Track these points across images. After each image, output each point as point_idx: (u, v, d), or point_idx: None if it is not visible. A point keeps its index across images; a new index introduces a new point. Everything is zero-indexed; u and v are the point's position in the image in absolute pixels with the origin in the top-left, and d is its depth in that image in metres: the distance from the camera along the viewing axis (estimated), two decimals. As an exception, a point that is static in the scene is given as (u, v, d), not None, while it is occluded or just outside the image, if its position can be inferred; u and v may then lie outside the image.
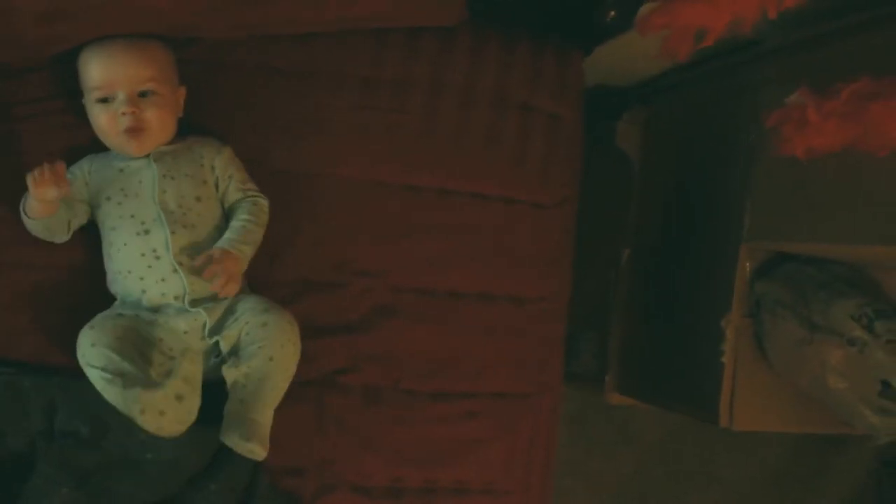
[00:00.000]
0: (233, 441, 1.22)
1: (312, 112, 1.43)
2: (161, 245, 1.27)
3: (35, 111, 1.34)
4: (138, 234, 1.28)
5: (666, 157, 1.87)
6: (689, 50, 1.40)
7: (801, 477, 2.39)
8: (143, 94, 1.28)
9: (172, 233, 1.28)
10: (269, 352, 1.25)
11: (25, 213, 1.27)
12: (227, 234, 1.31)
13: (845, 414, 1.55)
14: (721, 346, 1.58)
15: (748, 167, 1.55)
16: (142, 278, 1.27)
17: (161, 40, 1.33)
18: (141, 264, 1.27)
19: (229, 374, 1.25)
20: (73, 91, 1.32)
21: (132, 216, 1.29)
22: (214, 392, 1.29)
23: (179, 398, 1.19)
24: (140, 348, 1.24)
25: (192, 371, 1.22)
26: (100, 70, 1.28)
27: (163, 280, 1.27)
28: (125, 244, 1.28)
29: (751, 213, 1.55)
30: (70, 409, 1.26)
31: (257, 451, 1.23)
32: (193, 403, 1.22)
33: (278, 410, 1.27)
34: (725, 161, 1.63)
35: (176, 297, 1.28)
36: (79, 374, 1.23)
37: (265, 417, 1.25)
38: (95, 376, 1.20)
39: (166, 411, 1.18)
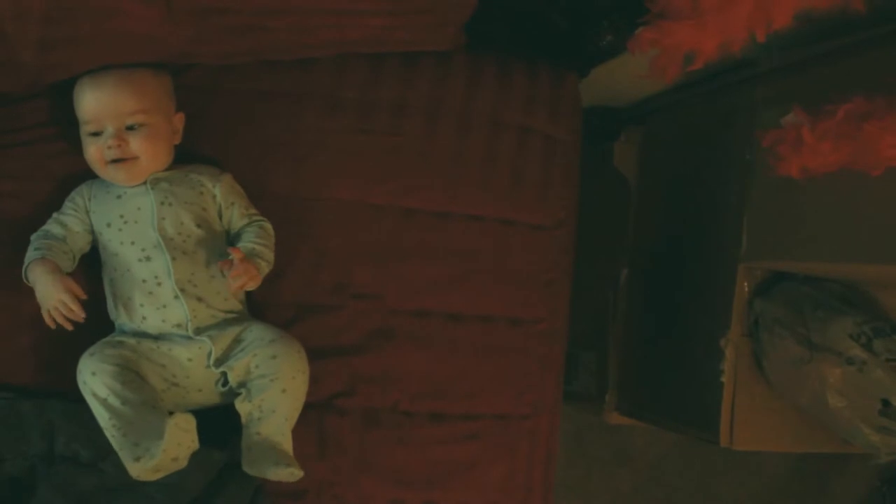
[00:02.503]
0: (267, 471, 1.23)
1: (309, 135, 1.44)
2: (162, 272, 1.28)
3: (33, 137, 1.35)
4: (139, 260, 1.28)
5: (663, 177, 1.88)
6: (676, 71, 1.40)
7: (801, 496, 2.38)
8: (131, 127, 1.29)
9: (173, 259, 1.28)
10: (281, 384, 1.25)
11: (27, 279, 1.28)
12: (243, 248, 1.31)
13: (846, 433, 1.55)
14: (720, 366, 1.59)
15: (745, 187, 1.56)
16: (142, 305, 1.27)
17: (156, 67, 1.34)
18: (142, 290, 1.27)
19: (243, 407, 1.26)
20: (70, 118, 1.33)
21: (132, 243, 1.29)
22: (215, 413, 1.30)
23: (175, 460, 1.19)
24: (142, 376, 1.23)
25: (188, 436, 1.20)
26: (89, 104, 1.29)
27: (164, 307, 1.27)
28: (127, 270, 1.28)
29: (748, 233, 1.55)
30: (70, 433, 1.26)
31: (296, 472, 1.24)
32: (187, 456, 1.21)
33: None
34: (722, 181, 1.64)
35: (177, 325, 1.27)
36: (79, 398, 1.23)
37: (287, 440, 1.26)
38: (97, 407, 1.20)
39: (160, 469, 1.19)
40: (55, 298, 1.23)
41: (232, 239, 1.36)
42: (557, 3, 1.58)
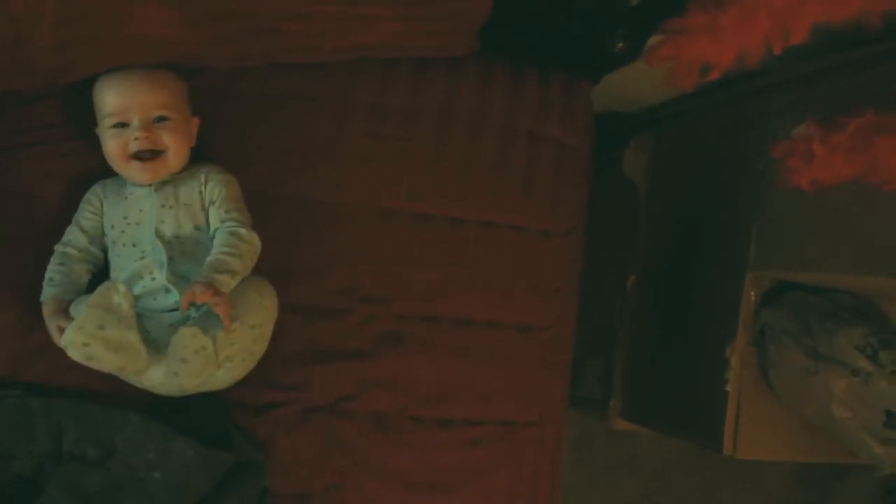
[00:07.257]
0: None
1: (320, 139, 1.44)
2: (157, 271, 1.28)
3: (46, 137, 1.35)
4: (136, 260, 1.29)
5: (672, 185, 1.88)
6: (694, 82, 1.41)
7: (805, 506, 2.39)
8: (157, 121, 1.29)
9: (170, 259, 1.28)
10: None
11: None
12: (203, 270, 1.26)
13: (850, 444, 1.55)
14: (725, 375, 1.58)
15: (755, 196, 1.56)
16: (138, 297, 1.27)
17: (174, 71, 1.34)
18: (137, 287, 1.27)
19: None
20: (84, 118, 1.33)
21: (133, 244, 1.30)
22: (216, 417, 1.31)
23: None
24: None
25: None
26: (115, 97, 1.29)
27: (154, 299, 1.27)
28: (123, 269, 1.29)
29: (756, 242, 1.55)
30: (78, 431, 1.27)
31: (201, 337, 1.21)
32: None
33: (287, 436, 1.27)
34: (732, 189, 1.64)
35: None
36: (87, 397, 1.25)
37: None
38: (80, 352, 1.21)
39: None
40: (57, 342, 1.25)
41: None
42: (570, 11, 1.58)
